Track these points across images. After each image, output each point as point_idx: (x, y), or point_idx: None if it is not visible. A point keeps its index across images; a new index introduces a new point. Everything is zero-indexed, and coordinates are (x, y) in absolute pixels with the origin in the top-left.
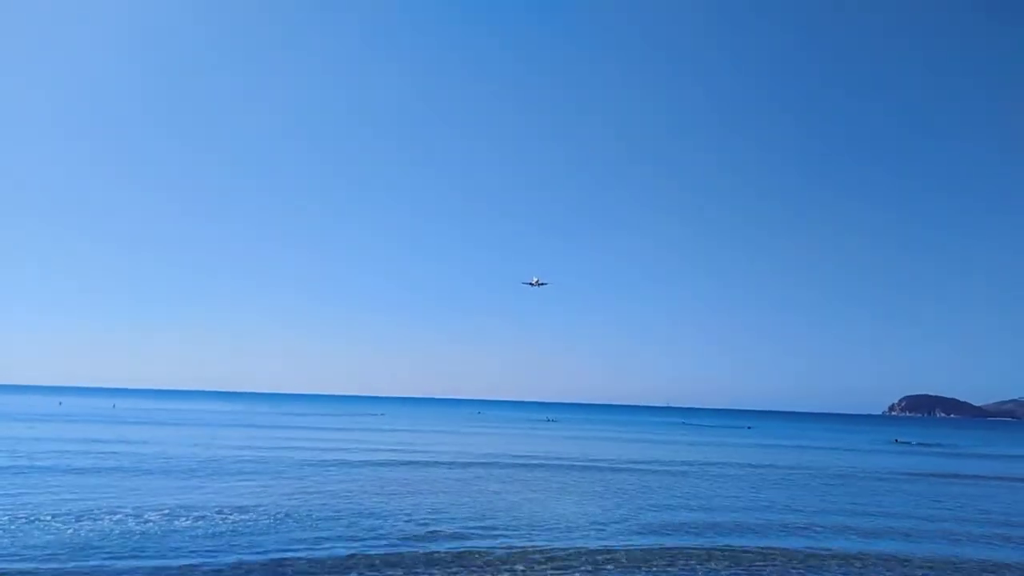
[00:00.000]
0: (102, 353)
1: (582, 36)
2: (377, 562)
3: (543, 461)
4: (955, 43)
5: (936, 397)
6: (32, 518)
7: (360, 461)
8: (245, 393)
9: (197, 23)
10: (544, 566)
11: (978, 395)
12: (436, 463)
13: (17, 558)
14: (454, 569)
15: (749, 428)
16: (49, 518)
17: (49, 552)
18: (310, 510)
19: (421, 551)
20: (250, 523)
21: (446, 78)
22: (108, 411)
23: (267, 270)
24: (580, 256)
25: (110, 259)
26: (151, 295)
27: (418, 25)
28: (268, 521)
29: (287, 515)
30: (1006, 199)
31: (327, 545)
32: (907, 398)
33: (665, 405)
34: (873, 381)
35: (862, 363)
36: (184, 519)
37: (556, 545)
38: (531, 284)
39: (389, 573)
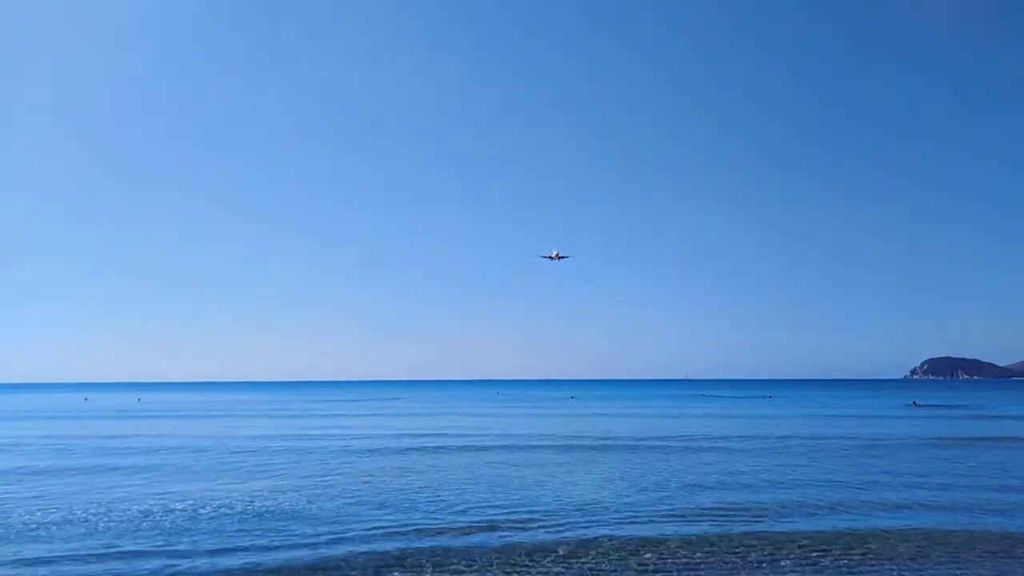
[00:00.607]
0: (125, 349)
1: (596, 21)
2: (454, 559)
3: (577, 442)
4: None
5: (958, 359)
6: (74, 515)
7: (391, 448)
8: (264, 383)
9: (197, 21)
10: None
11: (1001, 355)
12: (473, 447)
13: (61, 552)
14: (527, 563)
15: (770, 397)
16: (90, 514)
17: (89, 544)
18: (354, 500)
19: (491, 544)
20: (291, 515)
21: (458, 63)
22: (134, 405)
23: (282, 261)
24: (594, 232)
25: (127, 255)
26: (169, 289)
27: (431, 13)
28: (314, 512)
29: (331, 507)
30: None
31: (379, 540)
32: (929, 361)
33: (684, 378)
34: (894, 346)
35: (883, 328)
36: (231, 509)
37: (613, 533)
38: (550, 258)
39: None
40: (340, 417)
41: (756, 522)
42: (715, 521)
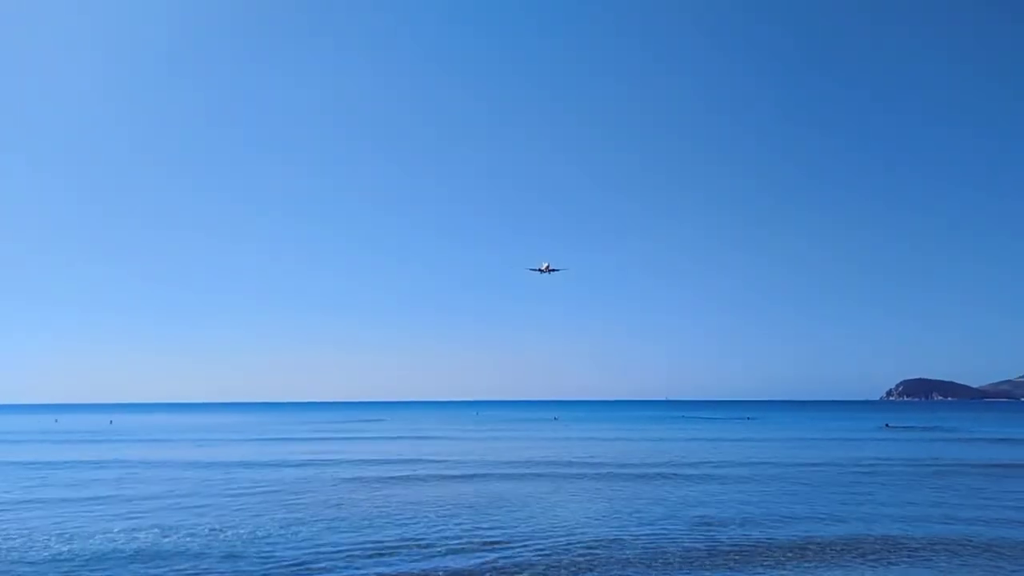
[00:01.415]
0: (93, 369)
1: (578, 37)
2: None
3: (567, 469)
4: (950, 37)
5: (933, 381)
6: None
7: (380, 477)
8: (239, 404)
9: (177, 27)
10: None
11: (975, 377)
12: (462, 476)
13: None
14: None
15: (749, 419)
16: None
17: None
18: (336, 534)
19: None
20: (269, 551)
21: (441, 84)
22: (105, 427)
23: (252, 279)
24: (572, 254)
25: (96, 273)
26: (142, 309)
27: (413, 29)
28: (304, 549)
29: (316, 541)
30: (998, 186)
31: None
32: (904, 383)
33: (664, 399)
34: (871, 367)
35: (859, 350)
36: (183, 540)
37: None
38: (540, 271)
39: None
40: (319, 441)
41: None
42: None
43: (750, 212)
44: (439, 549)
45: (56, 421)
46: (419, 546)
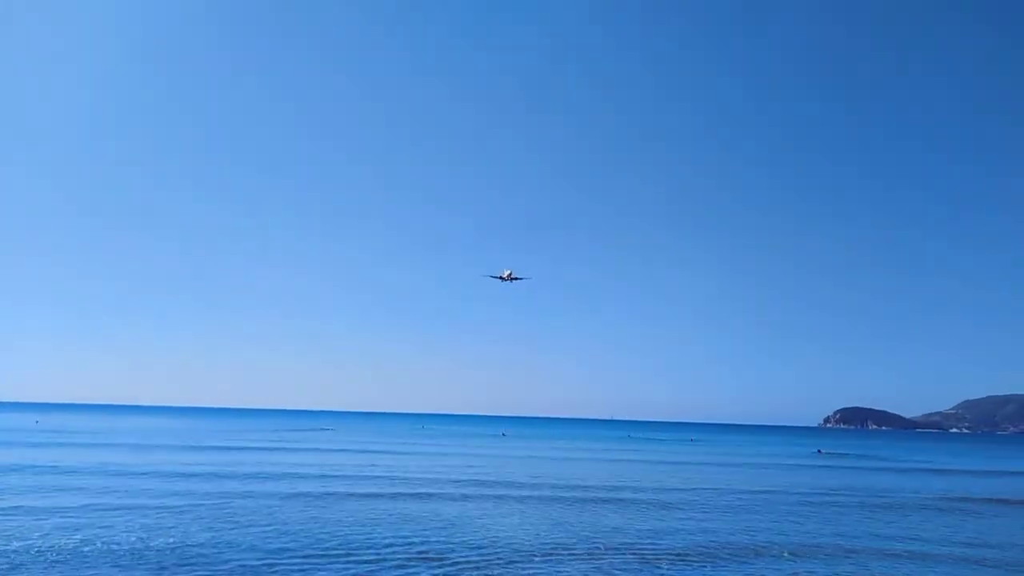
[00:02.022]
0: (33, 367)
1: (556, 38)
2: None
3: (519, 490)
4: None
5: (868, 410)
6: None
7: (313, 494)
8: (182, 408)
9: (197, 24)
10: None
11: (908, 408)
12: (427, 494)
13: None
14: None
15: (692, 440)
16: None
17: None
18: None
19: None
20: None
21: (427, 91)
22: (30, 426)
23: (206, 284)
24: (527, 266)
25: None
26: (88, 310)
27: (399, 37)
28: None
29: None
30: (937, 227)
31: None
32: (841, 411)
33: (610, 418)
34: (810, 395)
35: (800, 378)
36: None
37: None
38: (500, 278)
39: None
40: (261, 452)
41: None
42: None
43: (697, 243)
44: (362, 559)
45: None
46: (345, 558)
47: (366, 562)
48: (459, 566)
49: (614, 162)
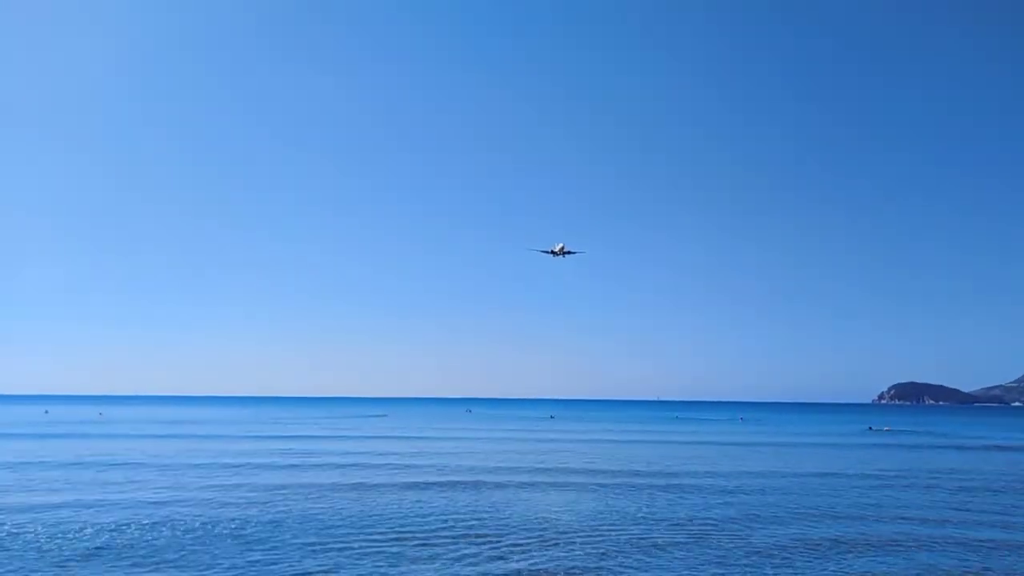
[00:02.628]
0: (95, 360)
1: (589, 30)
2: None
3: (575, 477)
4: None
5: (924, 385)
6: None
7: (379, 484)
8: (239, 397)
9: (194, 31)
10: None
11: (966, 382)
12: (495, 483)
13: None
14: None
15: (741, 419)
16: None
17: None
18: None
19: None
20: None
21: (464, 81)
22: (95, 419)
23: (260, 271)
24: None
25: (102, 264)
26: (142, 300)
27: (430, 25)
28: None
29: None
30: (990, 200)
31: None
32: (896, 386)
33: (657, 399)
34: (864, 370)
35: (853, 354)
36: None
37: None
38: (552, 253)
39: None
40: (319, 440)
41: None
42: None
43: (751, 224)
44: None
45: (47, 412)
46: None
47: (418, 544)
48: (515, 548)
49: (648, 149)
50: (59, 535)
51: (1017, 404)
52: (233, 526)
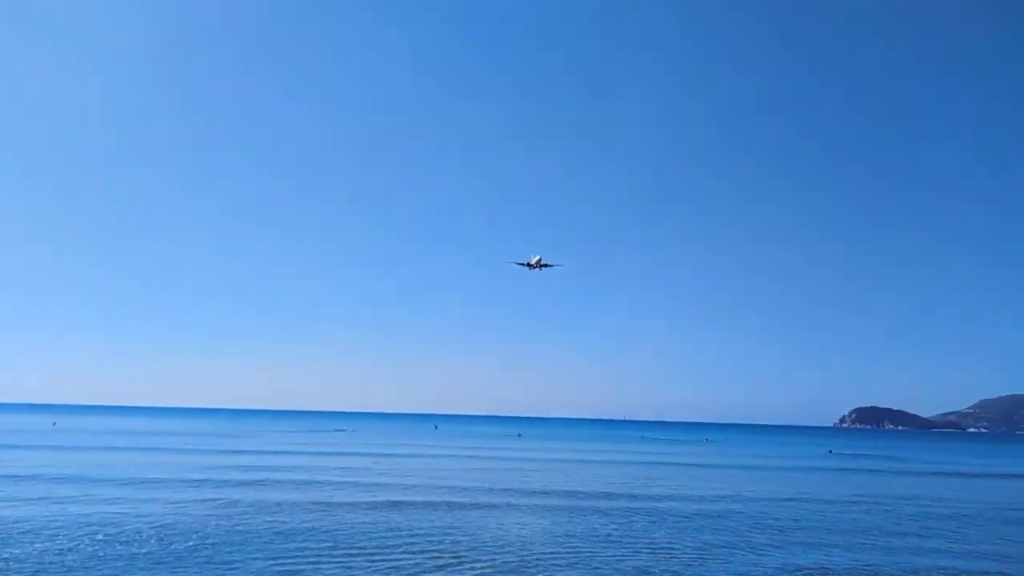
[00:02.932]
0: (39, 368)
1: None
2: None
3: (544, 499)
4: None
5: (885, 409)
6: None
7: (390, 502)
8: (187, 409)
9: (203, 23)
10: None
11: (925, 407)
12: (461, 503)
13: None
14: None
15: (706, 440)
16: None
17: None
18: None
19: None
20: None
21: (436, 94)
22: (48, 428)
23: (228, 289)
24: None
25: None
26: (111, 311)
27: (410, 40)
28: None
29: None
30: (954, 230)
31: None
32: (857, 410)
33: (623, 418)
34: (826, 394)
35: (815, 378)
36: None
37: None
38: (527, 265)
39: None
40: (294, 455)
41: None
42: None
43: (714, 245)
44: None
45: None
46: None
47: (385, 562)
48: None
49: (613, 161)
50: (1, 559)
51: (972, 430)
52: (190, 543)
